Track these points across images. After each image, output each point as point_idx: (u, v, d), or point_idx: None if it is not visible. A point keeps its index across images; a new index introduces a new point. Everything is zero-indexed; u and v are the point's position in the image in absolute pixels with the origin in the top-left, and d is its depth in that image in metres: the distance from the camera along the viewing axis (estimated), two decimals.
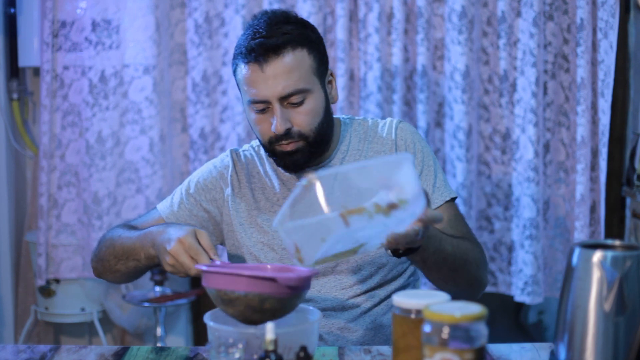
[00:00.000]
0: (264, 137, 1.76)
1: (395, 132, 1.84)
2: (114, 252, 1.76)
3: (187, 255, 1.53)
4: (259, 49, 1.69)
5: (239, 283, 1.38)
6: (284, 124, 1.70)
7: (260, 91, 1.70)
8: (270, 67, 1.69)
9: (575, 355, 1.35)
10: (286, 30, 1.71)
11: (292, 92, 1.70)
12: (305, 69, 1.72)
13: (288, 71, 1.69)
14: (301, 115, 1.72)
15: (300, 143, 1.73)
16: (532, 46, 2.70)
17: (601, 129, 2.67)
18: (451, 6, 2.75)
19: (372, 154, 1.84)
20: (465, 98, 2.75)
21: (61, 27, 2.83)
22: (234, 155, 1.90)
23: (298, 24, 1.75)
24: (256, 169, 1.87)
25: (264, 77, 1.69)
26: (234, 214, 1.83)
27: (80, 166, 2.88)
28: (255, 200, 1.84)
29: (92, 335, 3.16)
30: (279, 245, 1.80)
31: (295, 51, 1.71)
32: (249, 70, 1.71)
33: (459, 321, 1.16)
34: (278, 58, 1.69)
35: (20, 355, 1.57)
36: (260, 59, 1.69)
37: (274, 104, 1.71)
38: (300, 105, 1.72)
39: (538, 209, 2.74)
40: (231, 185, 1.85)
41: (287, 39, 1.70)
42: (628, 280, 1.31)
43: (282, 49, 1.69)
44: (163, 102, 2.90)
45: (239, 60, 1.74)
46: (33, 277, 3.01)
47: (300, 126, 1.73)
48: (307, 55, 1.73)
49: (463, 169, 2.77)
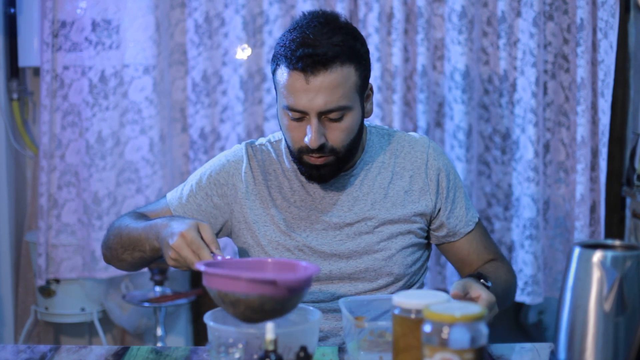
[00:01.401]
0: (294, 145, 1.71)
1: (427, 154, 1.82)
2: (120, 241, 1.75)
3: (190, 250, 1.52)
4: (307, 59, 1.61)
5: (239, 285, 1.37)
6: (319, 140, 1.66)
7: (300, 101, 1.64)
8: (316, 80, 1.62)
9: (575, 355, 1.35)
10: (337, 41, 1.64)
11: (333, 109, 1.65)
12: (349, 86, 1.66)
13: (333, 87, 1.63)
14: (337, 132, 1.68)
15: (331, 158, 1.70)
16: (532, 46, 2.70)
17: (601, 129, 2.67)
18: (451, 6, 2.75)
19: (399, 169, 1.81)
20: (465, 98, 2.75)
21: (61, 27, 2.83)
22: (250, 150, 1.85)
23: (349, 34, 1.68)
24: (273, 166, 1.83)
25: (307, 89, 1.63)
26: (247, 212, 1.80)
27: (80, 166, 2.87)
28: (272, 198, 1.80)
29: (92, 335, 3.15)
30: (294, 246, 1.78)
31: (344, 67, 1.64)
32: (291, 78, 1.64)
33: (459, 321, 1.16)
34: (325, 72, 1.62)
35: (20, 355, 1.57)
36: (307, 70, 1.62)
37: (312, 118, 1.65)
38: (338, 122, 1.67)
39: (538, 209, 2.74)
40: (245, 181, 1.81)
41: (337, 52, 1.63)
42: (628, 280, 1.31)
43: (331, 63, 1.63)
44: (163, 102, 2.90)
45: (281, 62, 1.66)
46: (33, 277, 3.01)
47: (334, 142, 1.68)
48: (354, 71, 1.67)
49: (463, 169, 2.77)
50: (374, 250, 1.77)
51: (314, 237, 1.77)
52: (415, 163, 1.81)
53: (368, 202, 1.78)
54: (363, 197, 1.79)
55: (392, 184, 1.80)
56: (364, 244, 1.77)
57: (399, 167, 1.81)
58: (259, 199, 1.80)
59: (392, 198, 1.79)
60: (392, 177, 1.80)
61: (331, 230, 1.78)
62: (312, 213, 1.79)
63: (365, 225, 1.78)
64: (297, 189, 1.80)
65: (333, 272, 1.78)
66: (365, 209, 1.78)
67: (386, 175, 1.80)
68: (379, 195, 1.79)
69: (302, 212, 1.79)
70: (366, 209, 1.78)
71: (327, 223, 1.78)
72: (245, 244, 1.83)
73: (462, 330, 1.16)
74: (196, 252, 1.51)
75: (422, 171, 1.81)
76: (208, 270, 1.41)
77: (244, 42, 2.85)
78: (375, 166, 1.81)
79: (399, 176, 1.81)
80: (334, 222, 1.78)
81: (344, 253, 1.77)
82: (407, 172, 1.81)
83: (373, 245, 1.77)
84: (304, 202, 1.79)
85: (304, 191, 1.80)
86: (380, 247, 1.77)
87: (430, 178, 1.81)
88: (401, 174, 1.81)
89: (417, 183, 1.80)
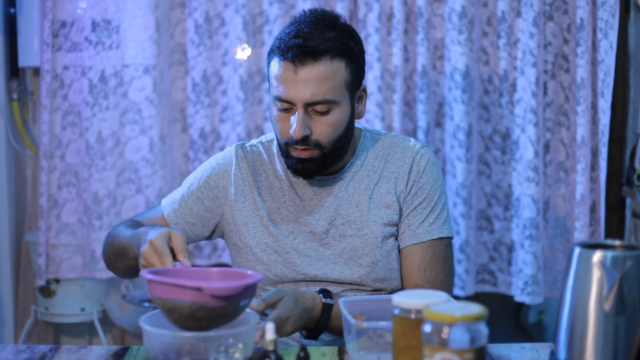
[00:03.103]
0: (281, 136, 1.73)
1: (413, 158, 1.80)
2: (112, 249, 1.79)
3: (157, 257, 1.54)
4: (297, 49, 1.65)
5: (169, 291, 1.36)
6: (303, 130, 1.68)
7: (288, 91, 1.67)
8: (304, 71, 1.66)
9: (575, 355, 1.35)
10: (329, 36, 1.67)
11: (319, 101, 1.67)
12: (338, 81, 1.68)
13: (320, 79, 1.66)
14: (322, 125, 1.69)
15: (316, 152, 1.71)
16: (532, 46, 2.70)
17: (601, 129, 2.67)
18: (451, 6, 2.75)
19: (387, 173, 1.80)
20: (465, 98, 2.75)
21: (61, 27, 2.83)
22: (240, 152, 1.86)
23: (343, 32, 1.70)
24: (264, 167, 1.84)
25: (295, 79, 1.66)
26: (237, 214, 1.81)
27: (80, 166, 2.87)
28: (263, 199, 1.81)
29: (92, 335, 3.15)
30: (282, 249, 1.79)
31: (333, 61, 1.67)
32: (282, 68, 1.67)
33: (459, 321, 1.16)
34: (314, 64, 1.65)
35: (20, 355, 1.57)
36: (296, 60, 1.65)
37: (298, 108, 1.68)
38: (324, 115, 1.69)
39: (538, 209, 2.74)
40: (235, 183, 1.82)
41: (328, 46, 1.66)
42: (628, 280, 1.31)
43: (320, 56, 1.66)
44: (163, 102, 2.90)
45: (275, 54, 1.69)
46: (33, 277, 3.01)
47: (319, 136, 1.70)
48: (345, 67, 1.69)
49: (463, 169, 2.77)
50: (358, 256, 1.77)
51: (301, 239, 1.78)
52: (402, 167, 1.80)
53: (352, 204, 1.78)
54: (348, 199, 1.79)
55: (377, 187, 1.79)
56: (349, 248, 1.77)
57: (387, 171, 1.81)
58: (248, 200, 1.81)
59: (376, 200, 1.78)
60: (378, 180, 1.80)
61: (317, 233, 1.78)
62: (300, 215, 1.79)
63: (350, 228, 1.77)
64: (287, 190, 1.81)
65: (319, 275, 1.78)
66: (350, 211, 1.78)
67: (373, 178, 1.80)
68: (363, 197, 1.78)
69: (290, 214, 1.80)
70: (350, 211, 1.78)
71: (314, 225, 1.78)
72: (235, 246, 1.85)
73: (462, 330, 1.16)
74: (160, 259, 1.53)
75: (405, 175, 1.80)
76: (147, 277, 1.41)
77: (244, 42, 2.85)
78: (364, 169, 1.81)
79: (385, 180, 1.80)
80: (320, 224, 1.78)
81: (329, 257, 1.77)
82: (393, 175, 1.80)
83: (358, 249, 1.77)
84: (293, 202, 1.80)
85: (293, 192, 1.80)
86: (365, 252, 1.77)
87: (409, 181, 1.80)
88: (388, 178, 1.80)
89: (399, 186, 1.80)
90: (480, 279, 2.90)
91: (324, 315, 1.66)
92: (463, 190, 2.78)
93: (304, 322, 1.64)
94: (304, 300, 1.64)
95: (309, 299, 1.65)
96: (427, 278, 1.76)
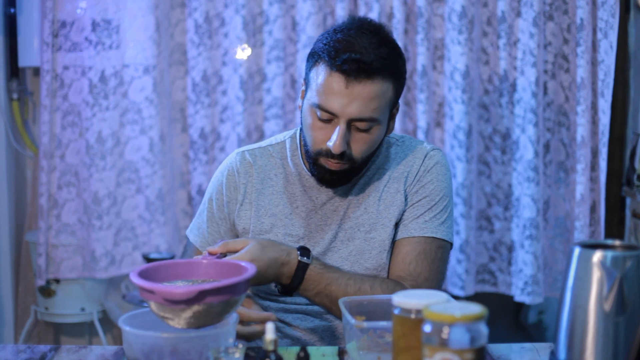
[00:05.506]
0: (314, 146, 1.69)
1: (423, 159, 1.79)
2: None
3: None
4: (352, 64, 1.60)
5: (142, 292, 1.35)
6: (343, 146, 1.64)
7: (333, 103, 1.62)
8: (357, 87, 1.61)
9: (575, 355, 1.35)
10: (383, 54, 1.63)
11: (364, 119, 1.64)
12: (384, 101, 1.65)
13: (370, 98, 1.62)
14: (360, 142, 1.67)
15: (346, 166, 1.68)
16: (532, 46, 2.70)
17: (601, 129, 2.67)
18: (451, 6, 2.75)
19: (397, 174, 1.79)
20: (465, 98, 2.76)
21: (61, 27, 2.83)
22: (247, 157, 1.83)
23: (394, 49, 1.67)
24: (275, 171, 1.81)
25: (345, 94, 1.61)
26: (246, 221, 1.78)
27: (80, 166, 2.88)
28: (271, 204, 1.78)
29: (92, 335, 3.15)
30: None
31: (385, 81, 1.63)
32: (331, 78, 1.62)
33: (459, 321, 1.16)
34: (367, 82, 1.61)
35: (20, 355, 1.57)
36: (351, 75, 1.60)
37: (341, 123, 1.64)
38: (364, 132, 1.66)
39: (538, 209, 2.74)
40: (242, 191, 1.80)
41: (383, 65, 1.62)
42: (628, 280, 1.31)
43: (375, 75, 1.61)
44: (163, 102, 2.90)
45: (323, 61, 1.64)
46: (33, 277, 3.01)
47: (355, 152, 1.67)
48: (392, 88, 1.66)
49: (463, 169, 2.77)
50: (365, 259, 1.76)
51: (311, 246, 1.76)
52: (412, 168, 1.79)
53: (362, 207, 1.77)
54: (357, 202, 1.77)
55: (387, 188, 1.78)
56: (356, 251, 1.76)
57: (397, 172, 1.79)
58: (254, 207, 1.78)
59: (385, 201, 1.77)
60: (388, 181, 1.78)
61: (327, 238, 1.77)
62: (311, 221, 1.77)
63: (359, 232, 1.76)
64: (299, 195, 1.79)
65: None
66: (359, 214, 1.77)
67: (383, 180, 1.79)
68: (373, 200, 1.77)
69: (302, 219, 1.77)
70: (359, 214, 1.77)
71: (325, 231, 1.76)
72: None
73: (462, 330, 1.16)
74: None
75: (413, 174, 1.78)
76: (132, 278, 1.39)
77: (244, 42, 2.85)
78: (376, 173, 1.80)
79: (395, 180, 1.78)
80: (331, 228, 1.76)
81: (335, 260, 1.76)
82: (402, 175, 1.79)
83: (364, 252, 1.76)
84: (305, 207, 1.78)
85: (306, 196, 1.78)
86: (372, 255, 1.76)
87: (415, 178, 1.78)
88: (398, 179, 1.78)
89: (407, 184, 1.78)
90: (480, 279, 2.90)
91: (298, 273, 1.62)
92: (463, 190, 2.78)
93: (273, 273, 1.60)
94: (274, 250, 1.60)
95: (283, 251, 1.61)
96: (410, 271, 1.72)
